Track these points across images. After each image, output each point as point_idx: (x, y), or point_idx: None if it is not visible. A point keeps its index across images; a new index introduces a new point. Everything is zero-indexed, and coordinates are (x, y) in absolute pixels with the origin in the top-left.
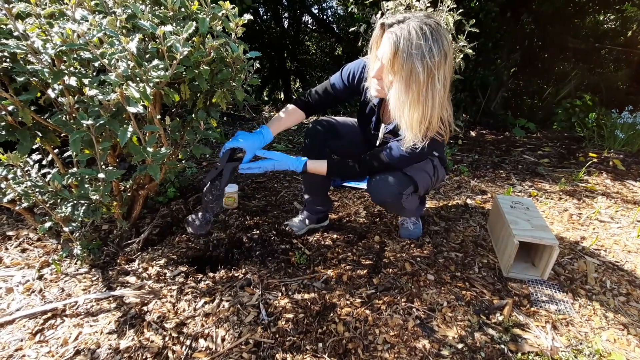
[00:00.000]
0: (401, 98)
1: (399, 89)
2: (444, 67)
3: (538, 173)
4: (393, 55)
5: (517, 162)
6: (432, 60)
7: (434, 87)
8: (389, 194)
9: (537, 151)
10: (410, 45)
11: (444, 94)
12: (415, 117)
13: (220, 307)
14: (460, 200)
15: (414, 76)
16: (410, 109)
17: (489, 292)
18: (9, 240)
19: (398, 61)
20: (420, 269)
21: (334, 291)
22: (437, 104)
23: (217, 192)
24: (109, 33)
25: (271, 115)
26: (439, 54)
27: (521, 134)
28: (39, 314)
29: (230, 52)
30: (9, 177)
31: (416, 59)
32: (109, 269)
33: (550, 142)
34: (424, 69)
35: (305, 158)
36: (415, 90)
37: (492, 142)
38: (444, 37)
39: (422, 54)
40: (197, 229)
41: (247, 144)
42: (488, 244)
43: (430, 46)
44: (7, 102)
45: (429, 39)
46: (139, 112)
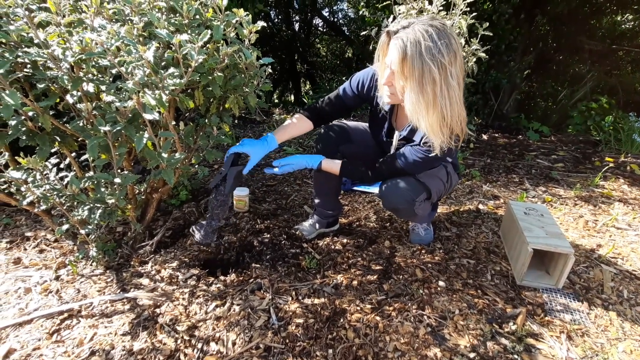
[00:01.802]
0: (417, 101)
1: (414, 92)
2: (455, 66)
3: (552, 178)
4: (402, 60)
5: (531, 167)
6: (443, 59)
7: (449, 84)
8: (401, 200)
9: (552, 155)
10: (419, 48)
11: (459, 91)
12: (435, 119)
13: (231, 311)
14: (472, 206)
15: (427, 77)
16: (428, 110)
17: (502, 301)
18: (28, 241)
19: (407, 65)
20: (432, 276)
21: (344, 296)
22: (454, 102)
23: (221, 198)
24: (126, 42)
25: (281, 119)
26: (448, 53)
27: (535, 137)
28: (56, 314)
29: (244, 59)
30: (28, 181)
31: (427, 59)
32: (123, 270)
33: (564, 146)
34: (437, 67)
35: (321, 156)
36: (431, 91)
37: (505, 145)
38: (451, 36)
39: (432, 55)
40: (203, 238)
41: (252, 150)
42: (501, 250)
43: (439, 47)
44: (27, 109)
45: (436, 40)
46: (154, 118)
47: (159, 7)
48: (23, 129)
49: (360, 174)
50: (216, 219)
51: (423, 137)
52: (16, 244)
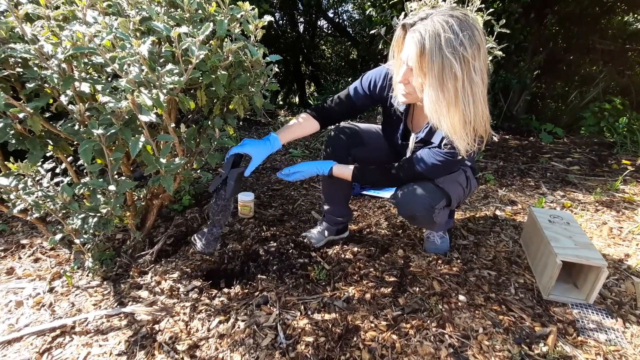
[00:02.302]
0: (437, 99)
1: (433, 89)
2: (478, 60)
3: (569, 181)
4: (420, 54)
5: (545, 170)
6: (465, 52)
7: (472, 80)
8: (420, 207)
9: (566, 158)
10: (438, 41)
11: (483, 87)
12: (457, 118)
13: (235, 328)
14: (488, 212)
15: (448, 72)
16: (450, 109)
17: (529, 317)
18: (23, 249)
19: (426, 60)
20: (450, 289)
21: (357, 311)
22: (478, 99)
23: (222, 202)
24: (120, 35)
25: (287, 120)
26: (471, 45)
27: (548, 139)
28: (48, 331)
29: (250, 56)
30: (19, 187)
31: (448, 53)
32: (121, 281)
33: (578, 148)
34: (458, 61)
35: (332, 161)
36: (452, 87)
37: (517, 147)
38: (474, 27)
39: (453, 48)
40: (204, 247)
41: (253, 150)
42: (523, 261)
43: (461, 39)
44: (15, 110)
45: (458, 31)
46: (151, 120)
47: (158, 0)
48: (11, 132)
49: (373, 179)
50: (217, 226)
51: (443, 138)
52: (10, 252)
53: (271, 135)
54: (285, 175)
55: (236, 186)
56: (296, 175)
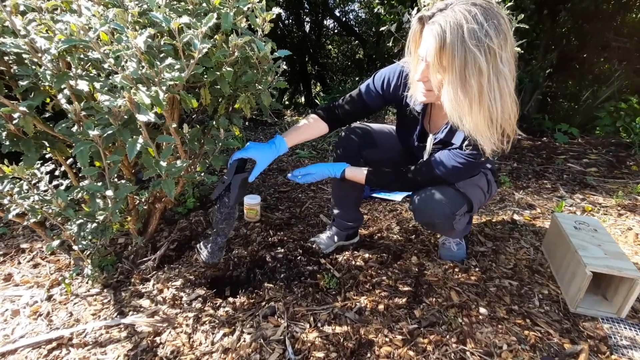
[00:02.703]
0: (456, 97)
1: (454, 86)
2: (505, 50)
3: (587, 184)
4: (439, 49)
5: (562, 171)
6: (492, 43)
7: (499, 73)
8: (439, 214)
9: (582, 159)
10: (460, 33)
11: (511, 81)
12: (482, 116)
13: (240, 342)
14: (506, 216)
15: (471, 66)
16: (472, 107)
17: (557, 333)
18: (23, 253)
19: (447, 54)
20: (469, 300)
21: (370, 324)
22: (505, 94)
23: (226, 210)
24: (115, 26)
25: (293, 121)
26: (497, 35)
27: (563, 139)
28: (44, 343)
29: (257, 51)
30: (14, 191)
31: (472, 45)
32: (122, 289)
33: (594, 149)
34: (484, 53)
35: (345, 164)
36: (475, 83)
37: (530, 148)
38: (499, 15)
39: (477, 39)
40: (208, 257)
41: (258, 154)
42: (546, 269)
43: (486, 29)
44: (6, 110)
45: (482, 21)
46: (150, 120)
47: None
48: (4, 133)
49: (388, 183)
50: (222, 235)
51: (465, 139)
52: (10, 257)
53: (277, 138)
54: (296, 177)
55: (240, 192)
56: (307, 178)
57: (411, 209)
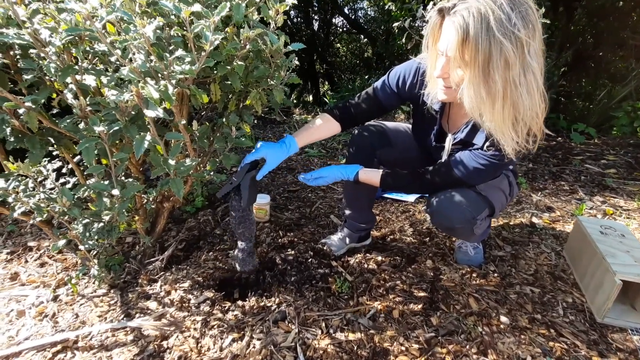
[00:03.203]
0: (480, 94)
1: (476, 82)
2: (533, 42)
3: (607, 186)
4: (462, 41)
5: (579, 173)
6: (520, 33)
7: (526, 66)
8: (460, 219)
9: (600, 160)
10: (486, 23)
11: (540, 74)
12: (506, 113)
13: (250, 348)
14: (524, 219)
15: (496, 59)
16: (496, 104)
17: (584, 345)
18: (30, 251)
19: (469, 48)
20: (489, 307)
21: (384, 331)
22: (533, 89)
23: (238, 213)
24: (121, 14)
25: (302, 119)
26: (525, 26)
27: (580, 139)
28: (48, 346)
29: (269, 45)
30: (19, 189)
31: (499, 35)
32: (129, 290)
33: (612, 150)
34: (511, 44)
35: (359, 166)
36: (500, 79)
37: (545, 148)
38: (527, 5)
39: (504, 29)
40: (242, 264)
41: (269, 153)
42: (569, 276)
43: (514, 19)
44: (9, 105)
45: (508, 11)
46: (158, 116)
47: None
48: (8, 129)
49: (405, 185)
50: (245, 240)
51: (487, 139)
52: (17, 255)
53: (287, 138)
54: (308, 180)
55: (251, 193)
56: (319, 181)
57: (428, 212)
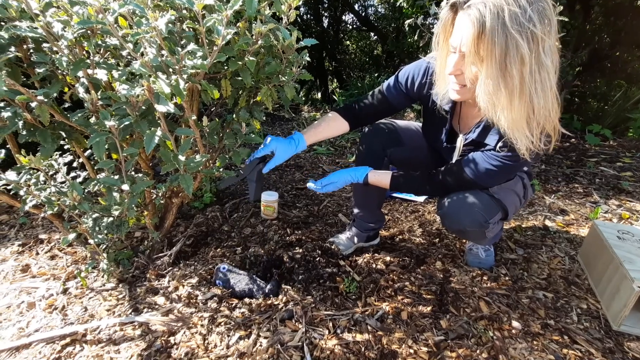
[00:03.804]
0: (496, 89)
1: (493, 77)
2: (549, 38)
3: (622, 189)
4: (478, 36)
5: (594, 175)
6: (535, 29)
7: (541, 63)
8: (472, 222)
9: (616, 162)
10: (502, 17)
11: (554, 73)
12: (522, 111)
13: (257, 346)
14: (537, 222)
15: (513, 54)
16: (513, 100)
17: (599, 353)
18: (41, 244)
19: (486, 42)
20: (500, 312)
21: (393, 333)
22: (547, 87)
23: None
24: (133, 7)
25: (310, 116)
26: (541, 21)
27: (595, 141)
28: (58, 339)
29: (281, 40)
30: (31, 182)
31: (513, 30)
32: (137, 284)
33: (628, 152)
34: (526, 40)
35: (368, 167)
36: (517, 74)
37: (558, 149)
38: (544, 0)
39: (519, 24)
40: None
41: (279, 147)
42: (583, 281)
43: (529, 14)
44: (21, 98)
45: (525, 5)
46: (169, 111)
47: None
48: (20, 123)
49: (416, 187)
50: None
51: (500, 139)
52: (28, 247)
53: (296, 134)
54: (318, 189)
55: (258, 186)
56: (329, 187)
57: (439, 213)
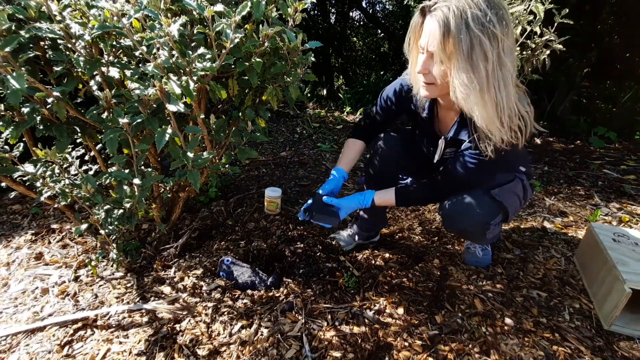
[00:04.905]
0: (470, 81)
1: (464, 70)
2: (507, 39)
3: (625, 192)
4: (443, 34)
5: (597, 178)
6: (495, 29)
7: (502, 62)
8: (473, 224)
9: (620, 165)
10: (465, 17)
11: (513, 72)
12: (490, 104)
13: (258, 335)
14: (535, 223)
15: (477, 51)
16: (483, 93)
17: (588, 351)
18: (53, 233)
19: (452, 40)
20: (494, 309)
21: (389, 327)
22: (508, 83)
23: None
24: (148, 13)
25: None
26: (499, 23)
27: (600, 144)
28: (70, 323)
29: (287, 42)
30: (46, 175)
31: (476, 30)
32: (145, 274)
33: (633, 155)
34: (488, 39)
35: (371, 192)
36: (483, 69)
37: (563, 151)
38: (501, 5)
39: (481, 24)
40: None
41: (333, 193)
42: (578, 282)
43: (490, 17)
44: (40, 95)
45: (485, 8)
46: (179, 110)
47: None
48: (38, 118)
49: (419, 198)
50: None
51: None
52: (41, 236)
53: (336, 170)
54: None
55: (325, 211)
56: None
57: (441, 214)
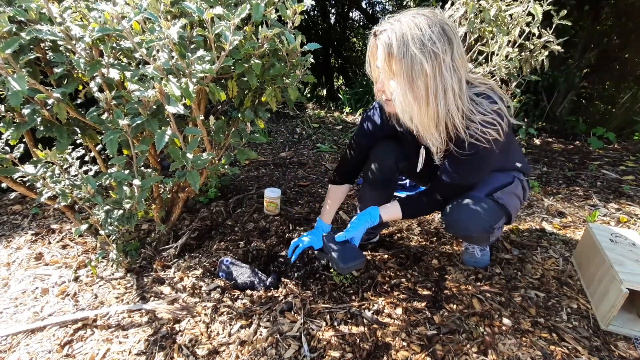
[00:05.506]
0: (407, 97)
1: (403, 87)
2: (450, 54)
3: (623, 193)
4: (387, 55)
5: (595, 178)
6: (435, 47)
7: (443, 75)
8: (477, 227)
9: (618, 166)
10: (405, 39)
11: (456, 83)
12: (428, 116)
13: (257, 335)
14: (534, 223)
15: (417, 69)
16: (421, 106)
17: (586, 351)
18: (53, 234)
19: (394, 59)
20: (492, 309)
21: (387, 327)
22: (450, 96)
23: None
24: (147, 16)
25: (315, 114)
26: (440, 39)
27: (598, 145)
28: (70, 323)
29: (286, 44)
30: (46, 175)
31: (414, 49)
32: (145, 274)
33: (632, 156)
34: (427, 57)
35: (375, 208)
36: (422, 85)
37: (561, 152)
38: (443, 23)
39: (421, 43)
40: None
41: (313, 241)
42: (575, 282)
43: (429, 34)
44: (41, 96)
45: (425, 27)
46: (179, 112)
47: None
48: (39, 119)
49: (422, 208)
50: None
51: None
52: (41, 236)
53: (319, 222)
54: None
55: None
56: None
57: (444, 220)
